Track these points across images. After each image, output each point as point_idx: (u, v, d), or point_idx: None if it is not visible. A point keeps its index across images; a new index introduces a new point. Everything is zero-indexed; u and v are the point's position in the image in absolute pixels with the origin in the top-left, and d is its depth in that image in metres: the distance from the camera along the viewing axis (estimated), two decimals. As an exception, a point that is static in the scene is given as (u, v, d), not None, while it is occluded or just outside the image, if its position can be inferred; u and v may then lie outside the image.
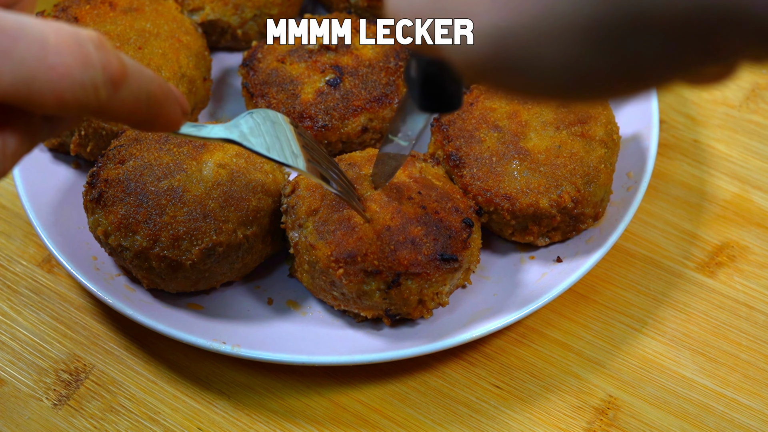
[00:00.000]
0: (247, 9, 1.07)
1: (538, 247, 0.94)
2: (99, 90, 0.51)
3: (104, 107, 0.53)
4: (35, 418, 0.87)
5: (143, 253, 0.85)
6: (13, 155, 0.52)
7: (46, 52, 0.48)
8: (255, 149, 0.71)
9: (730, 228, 1.00)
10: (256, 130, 0.72)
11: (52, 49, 0.49)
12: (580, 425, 0.87)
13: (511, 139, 0.93)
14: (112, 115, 0.54)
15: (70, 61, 0.49)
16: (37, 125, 0.53)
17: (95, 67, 0.51)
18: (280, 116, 0.77)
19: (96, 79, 0.51)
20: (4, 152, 0.51)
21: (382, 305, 0.85)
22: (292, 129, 0.77)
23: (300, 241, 0.86)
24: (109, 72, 0.51)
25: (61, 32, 0.49)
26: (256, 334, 0.87)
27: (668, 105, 1.12)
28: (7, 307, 0.94)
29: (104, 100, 0.52)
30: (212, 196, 0.87)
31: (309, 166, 0.75)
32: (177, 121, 0.61)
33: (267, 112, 0.75)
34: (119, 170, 0.88)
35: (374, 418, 0.87)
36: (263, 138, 0.72)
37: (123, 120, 0.56)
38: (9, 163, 0.52)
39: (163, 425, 0.86)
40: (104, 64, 0.51)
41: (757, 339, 0.92)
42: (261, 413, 0.87)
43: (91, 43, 0.51)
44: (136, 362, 0.90)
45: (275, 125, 0.75)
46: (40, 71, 0.48)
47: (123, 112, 0.54)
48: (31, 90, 0.48)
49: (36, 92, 0.48)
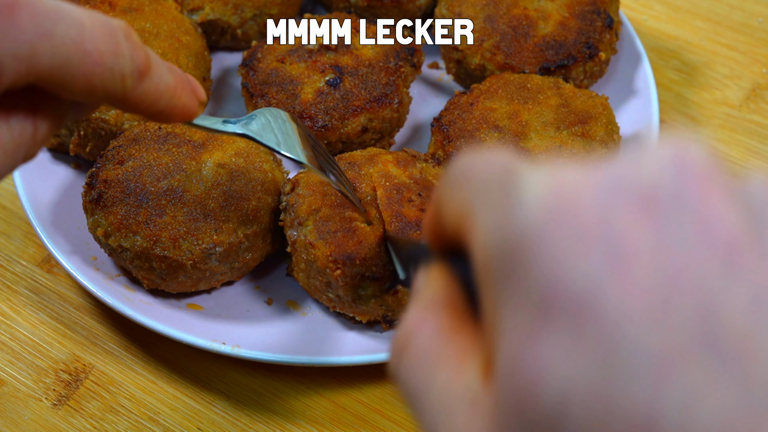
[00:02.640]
0: (247, 9, 1.07)
1: (538, 247, 0.94)
2: (126, 79, 0.52)
3: (128, 97, 0.53)
4: (35, 418, 0.87)
5: (144, 254, 0.85)
6: (42, 140, 0.53)
7: (83, 38, 0.49)
8: (268, 144, 0.73)
9: (730, 228, 1.00)
10: (268, 126, 0.74)
11: (87, 35, 0.49)
12: (580, 426, 0.86)
13: (512, 140, 0.93)
14: (133, 106, 0.55)
15: (103, 48, 0.50)
16: (65, 110, 0.54)
17: (124, 56, 0.51)
18: (286, 114, 0.78)
19: (124, 69, 0.52)
20: (35, 137, 0.52)
21: (377, 311, 0.84)
22: (296, 128, 0.78)
23: (299, 239, 0.86)
24: (136, 63, 0.52)
25: (95, 19, 0.50)
26: (256, 334, 0.87)
27: (668, 105, 1.12)
28: (7, 307, 0.94)
29: (129, 89, 0.53)
30: (212, 196, 0.87)
31: (318, 164, 0.77)
32: (194, 111, 0.62)
33: (274, 110, 0.77)
34: (118, 171, 0.88)
35: (375, 418, 0.87)
36: (274, 134, 0.74)
37: (142, 111, 0.57)
38: (38, 147, 0.53)
39: (162, 425, 0.86)
40: (132, 54, 0.52)
41: (757, 339, 0.92)
42: (261, 413, 0.87)
43: (121, 33, 0.51)
44: (136, 362, 0.90)
45: (284, 123, 0.77)
46: (76, 55, 0.49)
47: (144, 102, 0.55)
48: (65, 73, 0.49)
49: (70, 76, 0.49)
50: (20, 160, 0.52)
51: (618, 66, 1.08)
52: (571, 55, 1.01)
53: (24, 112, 0.51)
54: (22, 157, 0.52)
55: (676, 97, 1.13)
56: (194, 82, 0.61)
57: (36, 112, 0.52)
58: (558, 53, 1.01)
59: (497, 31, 1.03)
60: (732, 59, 1.17)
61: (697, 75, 1.16)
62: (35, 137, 0.52)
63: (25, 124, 0.51)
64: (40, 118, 0.52)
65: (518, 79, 0.98)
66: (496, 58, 1.02)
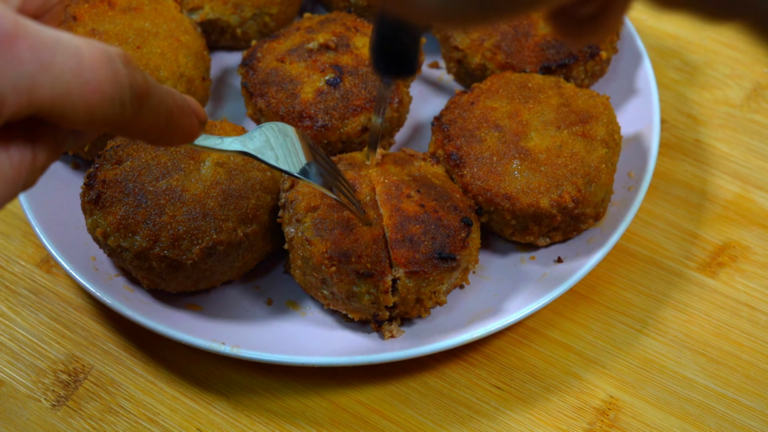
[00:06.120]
0: (247, 8, 1.07)
1: (538, 247, 0.94)
2: (126, 106, 0.52)
3: (128, 123, 0.54)
4: (34, 418, 0.87)
5: (143, 254, 0.84)
6: (42, 167, 0.53)
7: (82, 67, 0.49)
8: (268, 162, 0.73)
9: (731, 228, 1.00)
10: (269, 143, 0.75)
11: (86, 65, 0.49)
12: (581, 426, 0.86)
13: (512, 139, 0.92)
14: (133, 131, 0.55)
15: (102, 77, 0.50)
16: (64, 138, 0.54)
17: (123, 83, 0.51)
18: (290, 128, 0.79)
19: (124, 96, 0.52)
20: (34, 165, 0.52)
21: (370, 309, 0.84)
22: (301, 141, 0.79)
23: (296, 236, 0.86)
24: (135, 89, 0.52)
25: (93, 48, 0.50)
26: (255, 334, 0.87)
27: (669, 104, 1.11)
28: (6, 307, 0.94)
29: (129, 116, 0.53)
30: (211, 195, 0.86)
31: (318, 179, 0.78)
32: (195, 132, 0.62)
33: (278, 125, 0.77)
34: (117, 171, 0.88)
35: (374, 418, 0.87)
36: (275, 151, 0.75)
37: (143, 136, 0.57)
38: (38, 175, 0.53)
39: (162, 426, 0.86)
40: (131, 81, 0.52)
41: (759, 339, 0.92)
42: (260, 414, 0.87)
43: (119, 60, 0.51)
44: (135, 363, 0.90)
45: (286, 138, 0.77)
46: (75, 85, 0.49)
47: (144, 128, 0.56)
48: (65, 103, 0.49)
49: (70, 106, 0.49)
50: (20, 188, 0.52)
51: (619, 65, 1.08)
52: (571, 55, 1.01)
53: (23, 140, 0.51)
54: (21, 185, 0.52)
55: (677, 96, 1.13)
56: (194, 103, 0.61)
57: (35, 141, 0.52)
58: (559, 52, 1.01)
59: (498, 30, 1.02)
60: (733, 59, 1.17)
61: (698, 74, 1.15)
62: (34, 165, 0.52)
63: (25, 153, 0.51)
64: (39, 147, 0.52)
65: (519, 79, 0.98)
66: (497, 58, 1.01)
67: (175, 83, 0.96)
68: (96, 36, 0.96)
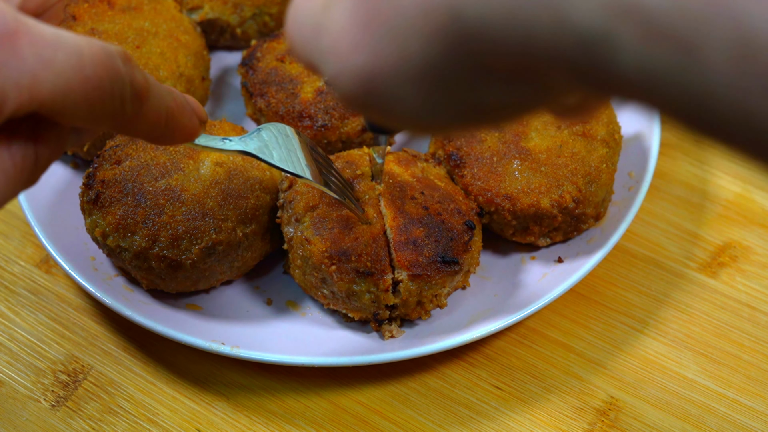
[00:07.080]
0: (247, 8, 1.07)
1: (539, 247, 0.94)
2: (126, 104, 0.53)
3: (129, 121, 0.54)
4: (33, 419, 0.86)
5: (142, 254, 0.84)
6: (43, 165, 0.53)
7: (83, 64, 0.49)
8: (269, 161, 0.74)
9: (732, 228, 1.00)
10: (269, 142, 0.75)
11: (87, 61, 0.50)
12: (581, 426, 0.86)
13: (512, 139, 0.92)
14: (134, 129, 0.56)
15: (102, 74, 0.50)
16: (65, 136, 0.55)
17: (124, 81, 0.52)
18: (289, 129, 0.79)
19: (124, 93, 0.52)
20: (37, 163, 0.52)
21: (370, 307, 0.84)
22: (300, 142, 0.79)
23: (295, 235, 0.85)
24: (135, 87, 0.53)
25: (93, 45, 0.50)
26: (255, 334, 0.87)
27: (670, 104, 1.11)
28: (5, 307, 0.94)
29: (129, 114, 0.53)
30: (210, 195, 0.86)
31: (319, 179, 0.78)
32: (195, 131, 0.62)
33: (277, 126, 0.78)
34: (116, 170, 0.88)
35: (374, 419, 0.86)
36: (277, 150, 0.75)
37: (143, 134, 0.57)
38: (39, 173, 0.53)
39: (161, 426, 0.86)
40: (131, 78, 0.53)
41: (760, 340, 0.92)
42: (260, 414, 0.87)
43: (119, 58, 0.52)
44: (135, 363, 0.90)
45: (285, 138, 0.78)
46: (76, 82, 0.49)
47: (144, 126, 0.56)
48: (67, 100, 0.49)
49: (71, 102, 0.49)
50: (22, 186, 0.52)
51: (619, 65, 1.08)
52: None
53: (25, 138, 0.51)
54: (23, 183, 0.52)
55: (678, 96, 1.12)
56: (194, 103, 0.62)
57: (37, 138, 0.52)
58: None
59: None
60: (734, 58, 1.16)
61: (698, 74, 1.15)
62: (37, 163, 0.52)
63: (27, 151, 0.51)
64: (41, 144, 0.52)
65: (519, 78, 0.98)
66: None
67: (174, 83, 0.96)
68: (95, 35, 0.96)
